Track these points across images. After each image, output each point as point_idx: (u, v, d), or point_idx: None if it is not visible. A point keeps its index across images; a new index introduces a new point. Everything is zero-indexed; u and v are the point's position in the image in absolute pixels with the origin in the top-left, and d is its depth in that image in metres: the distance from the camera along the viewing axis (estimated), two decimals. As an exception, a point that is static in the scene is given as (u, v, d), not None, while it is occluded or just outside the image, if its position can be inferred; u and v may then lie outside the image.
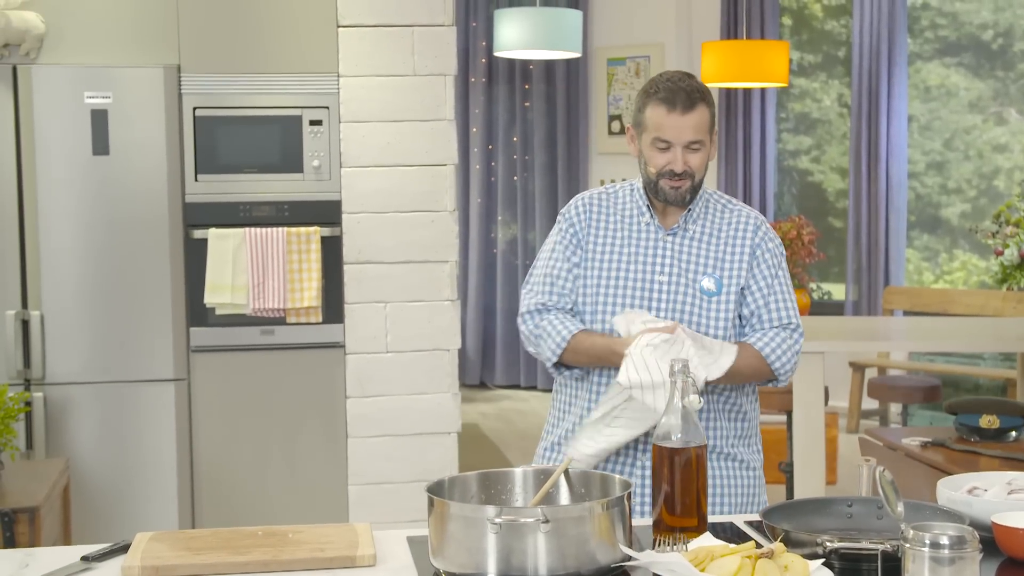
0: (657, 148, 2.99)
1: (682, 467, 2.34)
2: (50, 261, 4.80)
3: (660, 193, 3.01)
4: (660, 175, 3.00)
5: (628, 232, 3.07)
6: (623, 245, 3.05)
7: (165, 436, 4.88)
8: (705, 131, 2.98)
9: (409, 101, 4.98)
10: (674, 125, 2.95)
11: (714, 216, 3.08)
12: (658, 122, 2.97)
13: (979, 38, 8.82)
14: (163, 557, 2.27)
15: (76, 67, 4.79)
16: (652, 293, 2.99)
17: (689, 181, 2.98)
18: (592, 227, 3.09)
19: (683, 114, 2.94)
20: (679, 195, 2.99)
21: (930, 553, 1.89)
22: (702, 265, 3.02)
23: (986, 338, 5.56)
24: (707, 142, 2.99)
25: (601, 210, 3.12)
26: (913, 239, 9.05)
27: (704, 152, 2.99)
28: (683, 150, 2.96)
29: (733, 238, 3.05)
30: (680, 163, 2.96)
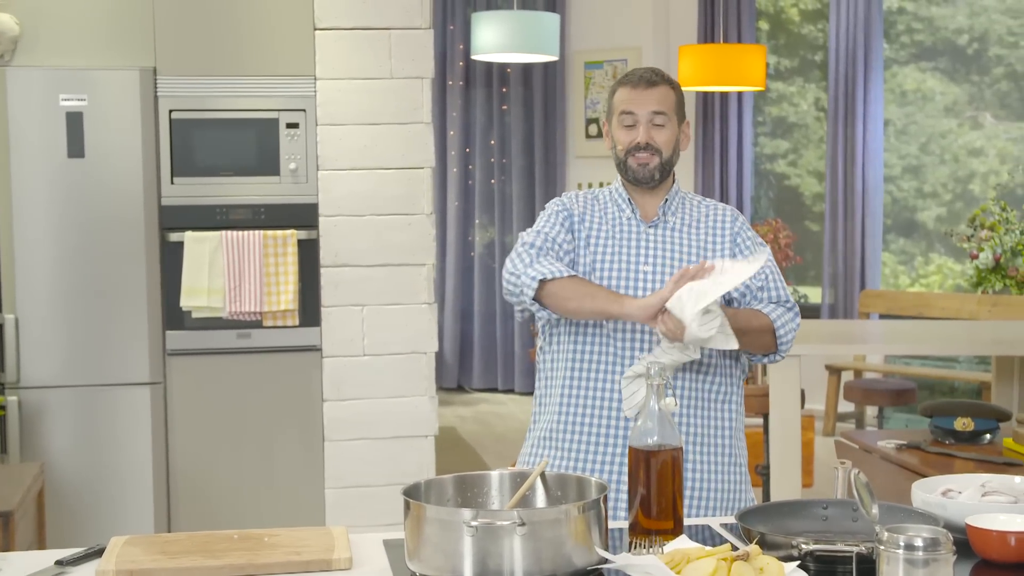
0: (624, 125, 3.06)
1: (658, 470, 2.34)
2: (25, 264, 4.78)
3: (629, 172, 3.08)
4: (628, 152, 3.06)
5: (611, 227, 3.09)
6: (607, 238, 3.07)
7: (141, 440, 4.87)
8: (669, 107, 3.05)
9: (386, 104, 4.98)
10: (637, 98, 3.03)
11: (691, 210, 3.13)
12: (623, 98, 3.06)
13: (954, 43, 8.86)
14: (138, 561, 2.27)
15: (51, 69, 4.77)
16: (637, 283, 3.01)
17: (657, 157, 3.04)
18: (579, 218, 3.11)
19: (646, 89, 3.03)
20: (647, 172, 3.05)
21: (904, 555, 1.90)
22: (685, 253, 3.05)
23: (961, 341, 5.59)
24: (673, 121, 3.06)
25: (585, 207, 3.15)
26: (889, 243, 9.08)
27: (670, 130, 3.05)
28: (647, 124, 3.03)
29: (713, 228, 3.10)
30: (644, 134, 3.02)
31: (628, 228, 3.09)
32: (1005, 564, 2.23)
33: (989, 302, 7.50)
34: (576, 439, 3.01)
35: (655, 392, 2.38)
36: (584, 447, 3.00)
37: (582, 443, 3.00)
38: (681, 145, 3.11)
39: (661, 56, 9.34)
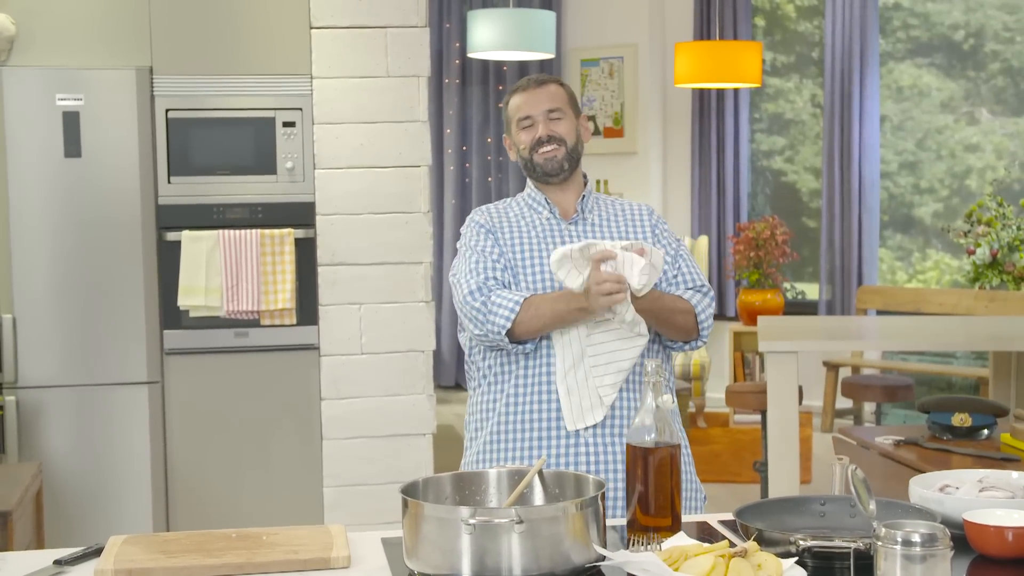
0: (523, 128, 3.11)
1: (656, 467, 2.35)
2: (22, 264, 4.78)
3: (536, 168, 3.10)
4: (532, 150, 3.09)
5: (530, 230, 3.11)
6: (528, 242, 3.09)
7: (139, 439, 4.87)
8: (562, 102, 3.11)
9: (382, 102, 4.98)
10: (529, 99, 3.10)
11: (606, 207, 3.18)
12: (517, 105, 3.12)
13: (950, 39, 8.87)
14: (136, 560, 2.27)
15: (47, 69, 4.77)
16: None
17: (562, 148, 3.09)
18: (499, 227, 3.12)
19: (536, 89, 3.11)
20: (555, 163, 3.09)
21: (902, 551, 1.90)
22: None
23: (958, 337, 5.59)
24: (569, 114, 3.11)
25: (501, 216, 3.16)
26: (886, 239, 9.09)
27: (568, 122, 3.11)
28: (545, 119, 3.08)
29: (631, 222, 3.14)
30: (544, 128, 3.07)
31: (548, 228, 3.11)
32: (1002, 559, 2.23)
33: (986, 298, 7.50)
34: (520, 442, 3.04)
35: (652, 389, 2.38)
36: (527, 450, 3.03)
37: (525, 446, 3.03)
38: (583, 137, 3.15)
39: (657, 53, 9.35)
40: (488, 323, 2.98)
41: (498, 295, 3.00)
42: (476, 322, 3.02)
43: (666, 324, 3.02)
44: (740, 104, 9.27)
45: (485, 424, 3.13)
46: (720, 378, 8.82)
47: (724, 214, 9.32)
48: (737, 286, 9.00)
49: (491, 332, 2.99)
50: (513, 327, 2.96)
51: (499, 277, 3.05)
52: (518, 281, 3.04)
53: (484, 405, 3.13)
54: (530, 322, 2.96)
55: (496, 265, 3.06)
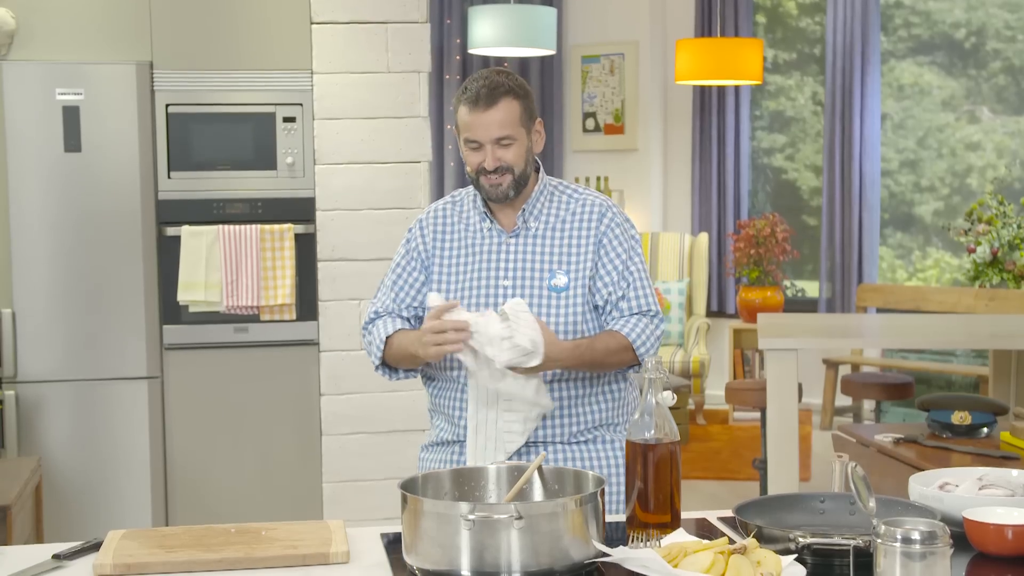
0: (470, 148, 2.96)
1: (655, 463, 2.34)
2: (22, 259, 4.77)
3: (482, 191, 2.99)
4: (477, 174, 2.97)
5: (471, 241, 3.02)
6: (466, 255, 3.01)
7: (138, 434, 4.86)
8: (513, 125, 2.92)
9: (383, 98, 4.97)
10: (478, 123, 2.91)
11: (558, 208, 3.03)
12: (465, 122, 2.94)
13: (952, 37, 8.86)
14: (135, 555, 2.26)
15: (48, 63, 4.76)
16: (497, 299, 2.93)
17: (509, 176, 2.94)
18: (436, 242, 3.04)
19: (485, 110, 2.90)
20: (500, 192, 2.95)
21: (901, 548, 1.90)
22: (548, 263, 2.96)
23: (959, 335, 5.58)
24: (520, 135, 2.94)
25: (446, 223, 3.07)
26: (886, 237, 9.08)
27: (518, 146, 2.94)
28: (492, 147, 2.92)
29: (577, 229, 2.99)
30: (491, 160, 2.92)
31: (488, 240, 3.01)
32: (1002, 557, 2.23)
33: (986, 296, 7.50)
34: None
35: (652, 386, 2.38)
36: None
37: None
38: (535, 147, 3.00)
39: (658, 50, 9.34)
40: (370, 354, 3.07)
41: (376, 326, 3.04)
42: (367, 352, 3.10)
43: (600, 368, 2.93)
44: (741, 101, 9.26)
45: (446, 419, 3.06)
46: (720, 375, 8.81)
47: (724, 211, 9.32)
48: (737, 283, 8.99)
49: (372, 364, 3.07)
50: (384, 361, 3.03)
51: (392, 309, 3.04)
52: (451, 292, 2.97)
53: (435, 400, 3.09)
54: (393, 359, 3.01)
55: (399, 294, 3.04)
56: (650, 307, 2.98)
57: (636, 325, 2.94)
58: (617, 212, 3.03)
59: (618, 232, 2.99)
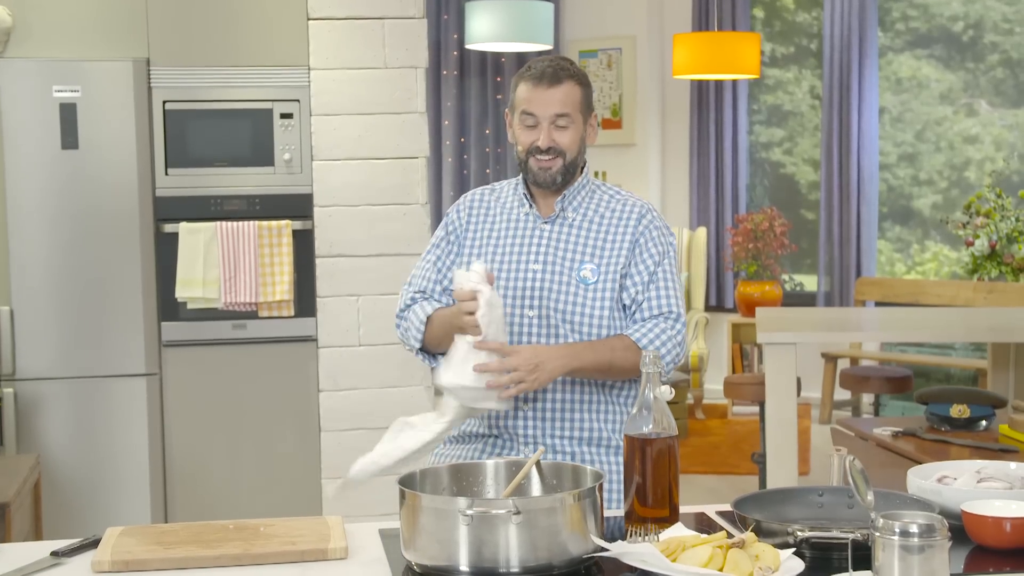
0: (525, 125, 2.93)
1: (654, 458, 2.34)
2: (19, 256, 4.77)
3: (530, 174, 2.95)
4: (528, 153, 2.93)
5: (507, 225, 3.01)
6: (499, 238, 2.99)
7: (137, 431, 4.86)
8: (574, 107, 2.91)
9: (380, 94, 4.97)
10: (539, 98, 2.89)
11: (598, 204, 3.01)
12: (525, 97, 2.92)
13: (950, 30, 8.86)
14: (133, 552, 2.26)
15: (44, 61, 4.76)
16: (525, 283, 2.92)
17: (560, 160, 2.92)
18: (472, 225, 3.03)
19: (549, 87, 2.89)
20: (549, 176, 2.93)
21: (900, 542, 1.90)
22: (580, 252, 2.94)
23: (957, 328, 5.59)
24: (577, 120, 2.93)
25: (483, 208, 3.05)
26: (885, 230, 9.08)
27: (574, 130, 2.92)
28: (549, 126, 2.90)
29: (615, 225, 2.97)
30: (546, 138, 2.90)
31: (523, 224, 2.99)
32: (1000, 550, 2.23)
33: (985, 289, 7.50)
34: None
35: (650, 381, 2.37)
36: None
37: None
38: (588, 140, 2.99)
39: (655, 45, 9.34)
40: (407, 340, 3.06)
41: (412, 311, 3.03)
42: (403, 339, 3.09)
43: (609, 372, 2.89)
44: (739, 95, 9.26)
45: None
46: (718, 370, 8.82)
47: (723, 206, 9.32)
48: (735, 278, 8.99)
49: (413, 349, 3.06)
50: (425, 345, 3.01)
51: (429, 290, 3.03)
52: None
53: None
54: (433, 336, 2.98)
55: (433, 276, 3.04)
56: (671, 308, 2.94)
57: (652, 329, 2.91)
58: (657, 216, 3.01)
59: (655, 235, 2.98)
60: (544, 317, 2.93)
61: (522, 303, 2.93)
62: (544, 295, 2.92)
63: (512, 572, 2.09)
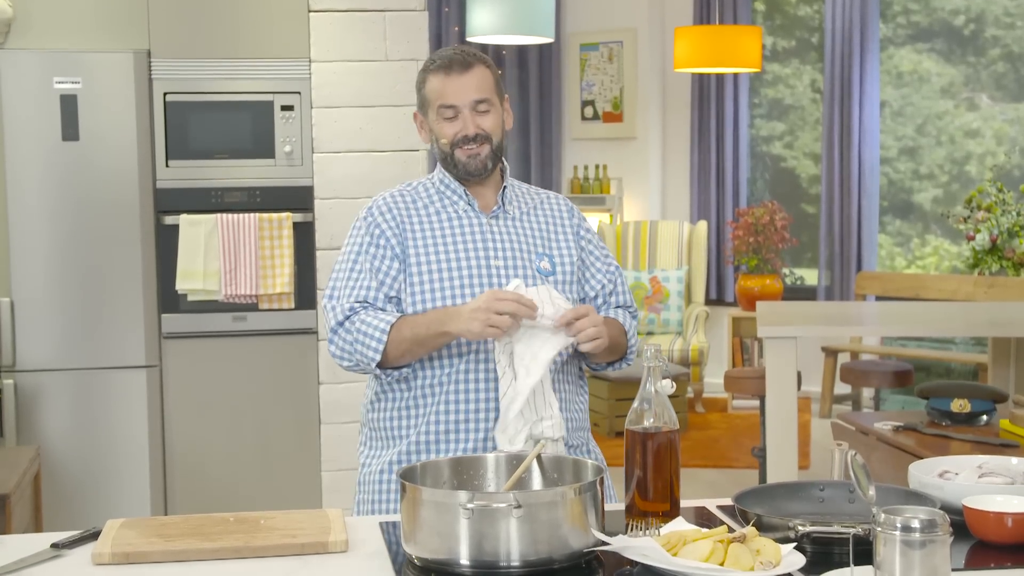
0: (444, 119, 2.83)
1: (654, 452, 2.34)
2: (20, 248, 4.77)
3: (459, 166, 2.84)
4: (454, 145, 2.83)
5: (447, 222, 2.86)
6: (446, 235, 2.85)
7: (137, 423, 4.86)
8: (490, 90, 2.84)
9: (381, 86, 4.96)
10: (454, 87, 2.81)
11: (525, 199, 2.96)
12: (439, 90, 2.83)
13: (951, 24, 8.85)
14: (134, 544, 2.26)
15: (45, 52, 4.75)
16: (492, 279, 2.81)
17: (487, 146, 2.83)
18: (402, 227, 2.85)
19: (461, 74, 2.81)
20: (479, 162, 2.83)
21: (901, 536, 1.89)
22: (532, 245, 2.88)
23: (958, 323, 5.58)
24: (495, 103, 2.85)
25: (407, 206, 2.89)
26: (885, 224, 9.08)
27: (495, 114, 2.85)
28: (471, 113, 2.82)
29: (553, 218, 2.94)
30: (471, 125, 2.81)
31: (467, 220, 2.86)
32: (1002, 545, 2.23)
33: (985, 283, 7.50)
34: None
35: (651, 375, 2.37)
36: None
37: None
38: (507, 124, 2.90)
39: (656, 38, 9.33)
40: (357, 354, 2.78)
41: (362, 320, 2.76)
42: (344, 355, 2.81)
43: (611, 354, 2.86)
44: (740, 89, 9.25)
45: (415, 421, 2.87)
46: (719, 363, 8.81)
47: (723, 199, 9.31)
48: (736, 271, 8.99)
49: (361, 363, 2.80)
50: (384, 355, 2.76)
51: (371, 298, 2.80)
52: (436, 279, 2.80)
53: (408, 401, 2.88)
54: (398, 348, 2.74)
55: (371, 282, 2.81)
56: (632, 304, 2.99)
57: (625, 317, 2.93)
58: (578, 211, 3.01)
59: (589, 227, 3.00)
60: None
61: None
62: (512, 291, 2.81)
63: (512, 566, 2.09)
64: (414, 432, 2.86)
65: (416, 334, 2.72)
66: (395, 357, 2.76)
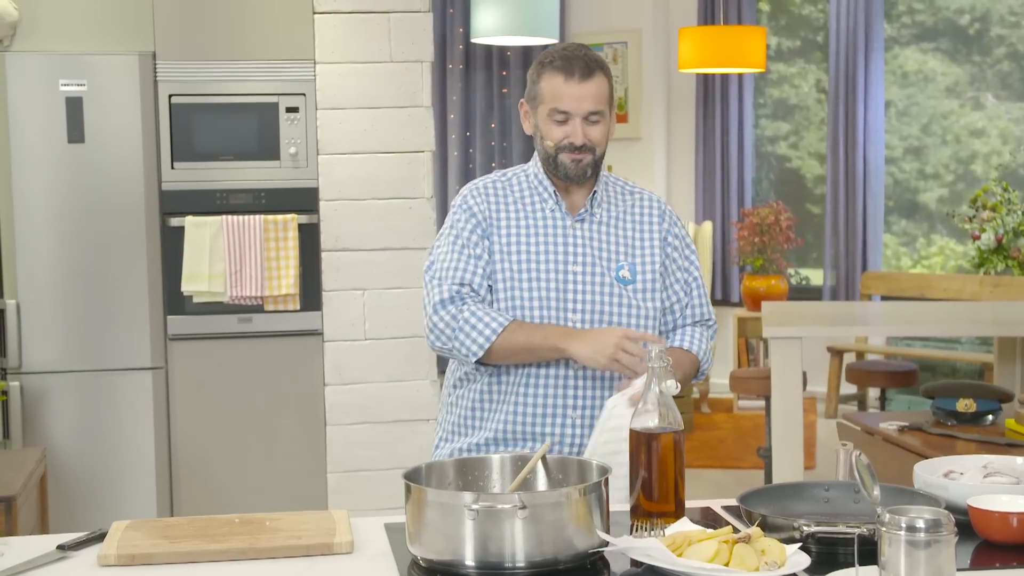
0: (554, 121, 2.83)
1: (659, 452, 2.34)
2: (26, 250, 4.77)
3: (560, 169, 2.85)
4: (559, 149, 2.84)
5: (532, 220, 2.88)
6: (529, 235, 2.87)
7: (143, 425, 4.87)
8: (604, 101, 2.83)
9: (386, 88, 4.97)
10: (572, 94, 2.80)
11: (618, 200, 2.96)
12: (555, 91, 2.82)
13: (956, 23, 8.84)
14: (139, 545, 2.27)
15: (50, 54, 4.76)
16: (568, 284, 2.84)
17: (590, 155, 2.84)
18: (494, 215, 2.88)
19: (581, 82, 2.80)
20: (580, 169, 2.84)
21: (906, 536, 1.89)
22: (614, 252, 2.89)
23: (963, 322, 5.58)
24: (607, 115, 2.85)
25: (498, 197, 2.91)
26: (891, 224, 9.07)
27: (604, 125, 2.85)
28: (582, 122, 2.82)
29: (641, 223, 2.95)
30: (580, 135, 2.82)
31: (552, 221, 2.88)
32: (1007, 545, 2.23)
33: (991, 283, 7.49)
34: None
35: (656, 376, 2.37)
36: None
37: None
38: (611, 134, 2.91)
39: (661, 38, 9.33)
40: (456, 341, 2.80)
41: (472, 313, 2.79)
42: (442, 336, 2.83)
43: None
44: (744, 89, 9.25)
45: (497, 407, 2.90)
46: (724, 364, 8.82)
47: (728, 200, 9.31)
48: (741, 272, 8.99)
49: (458, 352, 2.81)
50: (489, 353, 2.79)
51: (476, 284, 2.84)
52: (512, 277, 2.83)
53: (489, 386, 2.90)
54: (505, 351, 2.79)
55: (476, 267, 2.85)
56: (710, 316, 3.00)
57: (699, 337, 2.97)
58: (673, 212, 3.01)
59: (679, 232, 2.98)
60: (589, 322, 2.86)
61: (565, 306, 2.84)
62: (587, 298, 2.85)
63: (518, 567, 2.09)
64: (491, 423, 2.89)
65: (531, 343, 2.76)
66: (500, 357, 2.79)
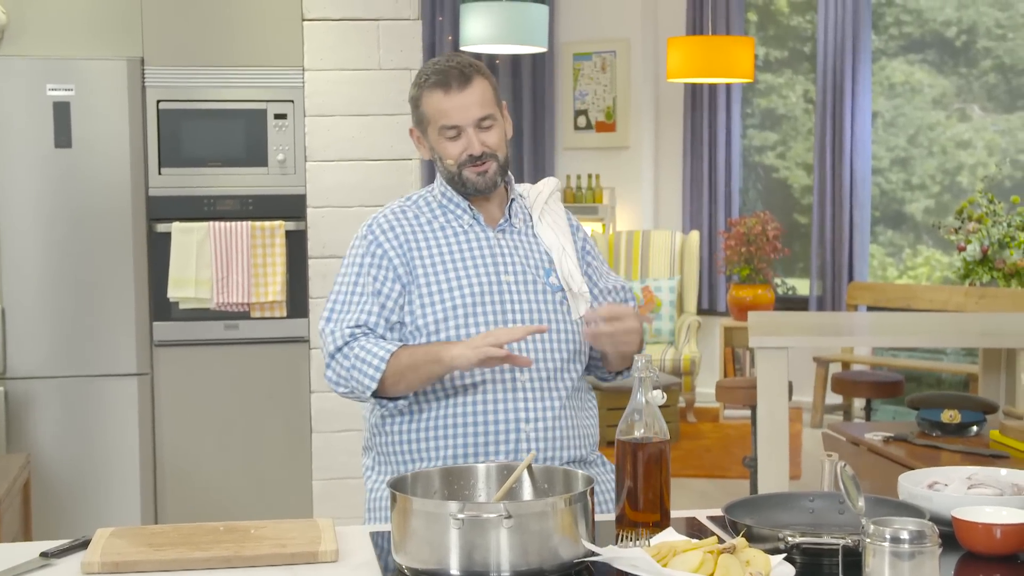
0: (447, 138, 2.73)
1: (645, 462, 2.34)
2: (11, 255, 4.76)
3: (468, 185, 2.74)
4: (460, 165, 2.73)
5: (453, 237, 2.77)
6: (452, 251, 2.76)
7: (128, 431, 4.86)
8: (491, 104, 2.73)
9: (374, 95, 4.97)
10: (455, 106, 2.70)
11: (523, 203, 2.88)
12: (438, 108, 2.72)
13: (943, 35, 8.87)
14: (123, 553, 2.26)
15: (38, 59, 4.75)
16: (504, 296, 2.74)
17: (493, 162, 2.73)
18: (411, 240, 2.76)
19: (461, 91, 2.70)
20: (488, 180, 2.74)
21: (890, 548, 1.90)
22: (537, 258, 2.81)
23: (949, 333, 5.59)
24: (497, 116, 2.75)
25: (410, 222, 2.78)
26: (877, 235, 9.09)
27: (499, 128, 2.75)
28: (475, 130, 2.71)
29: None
30: (476, 144, 2.71)
31: (473, 235, 2.78)
32: (991, 556, 2.23)
33: (976, 294, 7.51)
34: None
35: (642, 385, 2.37)
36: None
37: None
38: (507, 133, 2.79)
39: (649, 48, 9.34)
40: (353, 381, 2.69)
41: (361, 347, 2.67)
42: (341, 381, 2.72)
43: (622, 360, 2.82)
44: (732, 99, 9.27)
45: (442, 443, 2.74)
46: (710, 373, 8.82)
47: (715, 209, 9.32)
48: (728, 281, 9.00)
49: (356, 389, 2.70)
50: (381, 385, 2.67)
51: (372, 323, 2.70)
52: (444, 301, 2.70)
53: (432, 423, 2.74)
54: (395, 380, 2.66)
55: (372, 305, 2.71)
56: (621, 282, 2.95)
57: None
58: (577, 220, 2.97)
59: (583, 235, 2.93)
60: None
61: (505, 318, 2.74)
62: (525, 307, 2.76)
63: (503, 576, 2.09)
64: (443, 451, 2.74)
65: (414, 360, 2.63)
66: (392, 383, 2.67)
